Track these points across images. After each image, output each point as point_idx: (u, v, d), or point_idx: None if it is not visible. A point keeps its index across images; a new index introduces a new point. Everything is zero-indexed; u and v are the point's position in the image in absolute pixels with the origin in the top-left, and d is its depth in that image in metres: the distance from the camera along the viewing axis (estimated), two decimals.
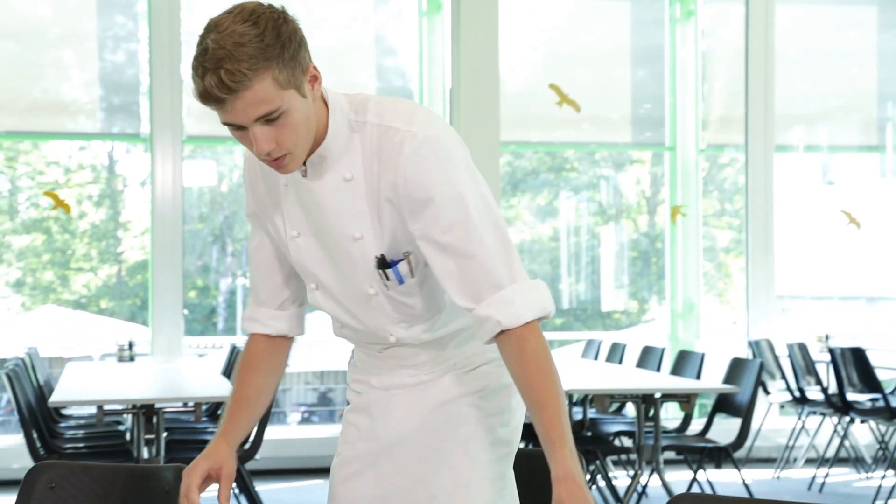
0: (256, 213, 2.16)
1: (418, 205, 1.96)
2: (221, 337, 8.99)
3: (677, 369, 6.44)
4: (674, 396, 5.46)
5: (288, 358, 2.27)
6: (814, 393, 7.52)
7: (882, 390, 6.82)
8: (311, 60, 1.92)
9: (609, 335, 8.62)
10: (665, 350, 6.79)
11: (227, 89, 1.82)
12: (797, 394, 7.52)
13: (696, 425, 6.28)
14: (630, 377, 6.00)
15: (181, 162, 7.77)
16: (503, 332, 1.95)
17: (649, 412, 5.41)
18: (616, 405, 6.65)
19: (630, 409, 6.44)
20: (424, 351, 2.13)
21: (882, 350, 7.99)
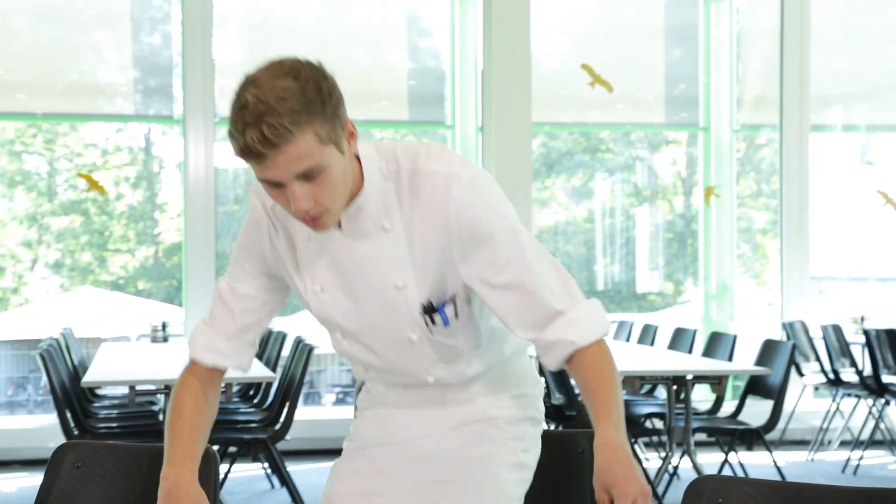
0: (265, 260, 2.09)
1: (474, 244, 1.95)
2: None
3: (709, 351, 6.41)
4: (705, 378, 5.44)
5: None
6: (848, 375, 7.46)
7: None
8: (348, 117, 1.89)
9: (644, 317, 8.59)
10: (697, 332, 6.75)
11: (269, 144, 1.78)
12: (831, 376, 7.47)
13: (728, 407, 6.25)
14: (661, 359, 5.98)
15: (213, 144, 7.80)
16: (574, 354, 1.97)
17: (680, 394, 5.39)
18: (647, 387, 6.64)
19: (661, 391, 6.42)
20: (457, 389, 2.13)
21: None
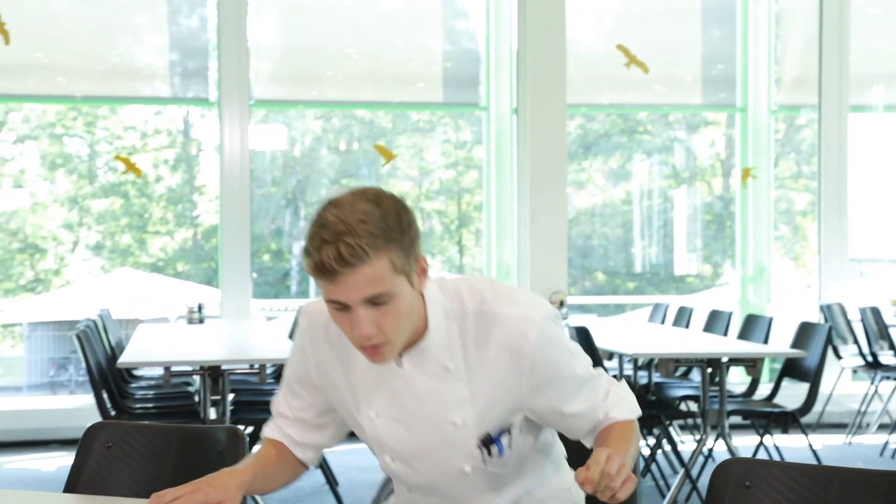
0: (314, 382, 2.13)
1: (548, 382, 2.01)
2: (295, 300, 9.08)
3: (744, 333, 6.37)
4: (739, 361, 5.41)
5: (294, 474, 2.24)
6: (887, 358, 7.39)
7: None
8: (423, 253, 1.92)
9: (681, 299, 8.54)
10: (732, 314, 6.71)
11: (344, 263, 1.80)
12: (870, 359, 7.41)
13: (764, 390, 6.21)
14: (695, 341, 5.95)
15: (248, 126, 7.82)
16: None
17: (715, 377, 5.36)
18: (682, 369, 6.61)
19: (696, 374, 6.39)
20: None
21: None
